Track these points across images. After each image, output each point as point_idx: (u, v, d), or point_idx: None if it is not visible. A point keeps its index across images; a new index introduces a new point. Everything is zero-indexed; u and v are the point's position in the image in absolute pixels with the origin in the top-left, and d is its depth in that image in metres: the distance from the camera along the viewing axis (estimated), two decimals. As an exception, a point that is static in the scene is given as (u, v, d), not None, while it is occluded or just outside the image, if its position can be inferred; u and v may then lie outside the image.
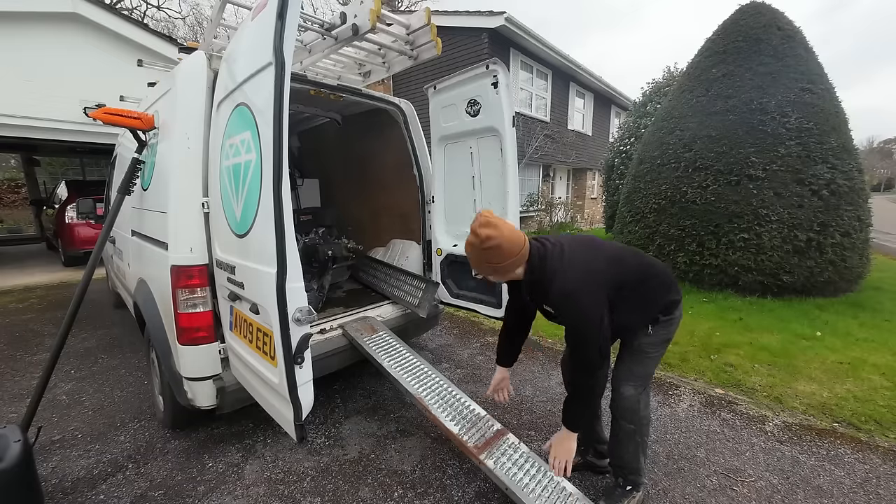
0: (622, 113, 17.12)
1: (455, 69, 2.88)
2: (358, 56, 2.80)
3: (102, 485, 2.05)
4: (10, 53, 6.05)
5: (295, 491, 2.00)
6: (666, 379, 3.13)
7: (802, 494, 1.96)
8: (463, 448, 1.90)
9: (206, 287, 2.02)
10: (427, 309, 2.98)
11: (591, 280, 1.58)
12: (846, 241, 4.84)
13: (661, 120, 6.23)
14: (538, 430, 2.46)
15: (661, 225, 5.71)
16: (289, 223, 1.47)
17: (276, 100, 1.42)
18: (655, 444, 2.35)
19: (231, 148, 1.79)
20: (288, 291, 1.47)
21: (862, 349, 3.55)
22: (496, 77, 2.59)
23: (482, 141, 2.84)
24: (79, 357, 3.63)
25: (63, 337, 2.13)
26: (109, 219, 2.45)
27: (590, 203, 17.04)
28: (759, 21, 5.42)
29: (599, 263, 1.64)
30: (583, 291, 1.55)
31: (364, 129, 3.90)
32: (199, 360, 2.03)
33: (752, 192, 4.95)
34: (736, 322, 4.25)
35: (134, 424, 2.58)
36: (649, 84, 9.71)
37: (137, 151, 2.50)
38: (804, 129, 4.90)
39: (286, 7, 1.39)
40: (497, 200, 2.83)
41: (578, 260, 1.61)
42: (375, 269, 3.78)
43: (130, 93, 3.93)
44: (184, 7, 30.59)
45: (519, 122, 9.94)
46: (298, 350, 1.51)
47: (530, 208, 12.60)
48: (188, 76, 2.12)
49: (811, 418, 2.60)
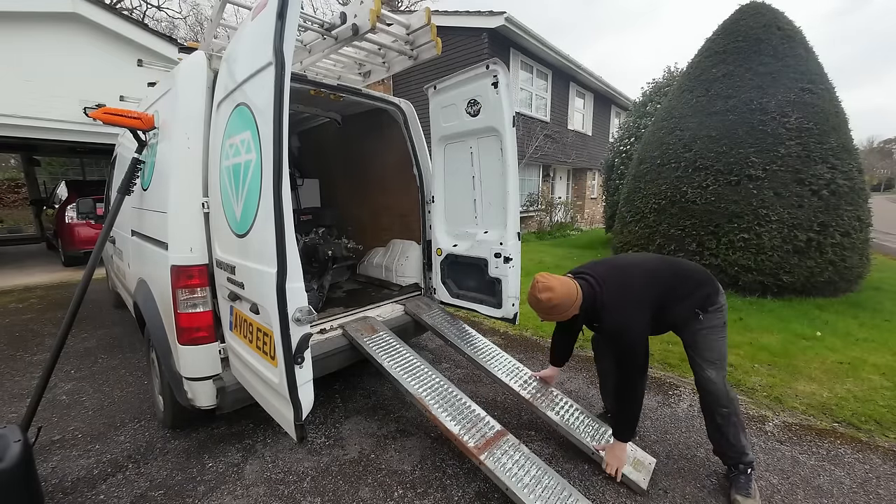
0: (622, 113, 17.13)
1: (455, 69, 2.88)
2: (358, 56, 2.80)
3: (102, 485, 2.05)
4: (10, 53, 6.06)
5: (295, 491, 2.00)
6: (666, 379, 3.13)
7: (802, 494, 1.96)
8: (463, 448, 1.90)
9: (206, 287, 2.02)
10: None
11: (635, 311, 1.84)
12: (846, 241, 4.84)
13: (661, 120, 6.23)
14: (538, 430, 2.46)
15: (661, 225, 5.71)
16: (289, 223, 1.47)
17: (276, 100, 1.42)
18: (655, 444, 2.35)
19: (231, 148, 1.79)
20: (288, 291, 1.47)
21: (862, 349, 3.55)
22: (496, 77, 2.59)
23: (482, 141, 2.84)
24: (79, 357, 3.62)
25: (63, 337, 2.13)
26: (109, 219, 2.45)
27: (590, 203, 17.04)
28: (759, 21, 5.42)
29: (638, 290, 1.90)
30: (630, 324, 1.82)
31: (364, 129, 3.90)
32: (199, 360, 2.03)
33: (752, 192, 4.95)
34: (736, 322, 4.25)
35: (134, 424, 2.58)
36: (649, 84, 9.71)
37: (137, 151, 2.50)
38: (804, 129, 4.90)
39: (286, 7, 1.39)
40: (497, 200, 2.83)
41: (619, 292, 1.89)
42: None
43: (130, 93, 3.93)
44: (184, 7, 30.62)
45: (519, 122, 9.95)
46: (298, 350, 1.51)
47: (530, 208, 12.61)
48: (188, 76, 2.12)
49: (811, 418, 2.60)
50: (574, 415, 2.30)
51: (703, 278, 1.98)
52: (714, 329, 1.91)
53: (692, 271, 2.01)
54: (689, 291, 1.93)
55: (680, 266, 2.03)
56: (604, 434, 2.19)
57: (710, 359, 1.90)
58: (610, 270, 1.99)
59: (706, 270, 2.06)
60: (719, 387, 1.87)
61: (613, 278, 1.94)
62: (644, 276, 1.96)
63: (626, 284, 1.92)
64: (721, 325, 1.93)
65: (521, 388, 2.43)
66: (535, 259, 8.05)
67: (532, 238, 11.63)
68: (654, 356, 3.51)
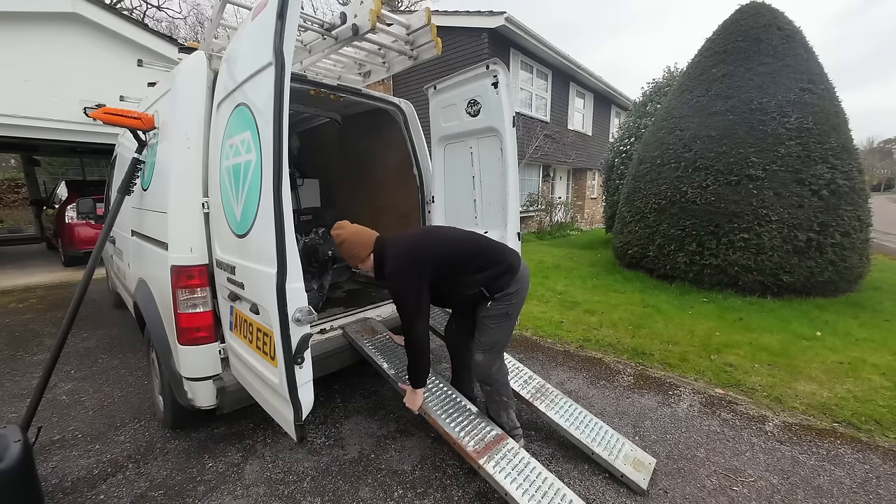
0: (622, 113, 17.12)
1: (455, 69, 2.88)
2: (358, 56, 2.80)
3: (102, 485, 2.05)
4: (10, 53, 6.05)
5: (295, 491, 2.00)
6: (666, 379, 3.13)
7: (802, 494, 1.96)
8: (462, 452, 1.89)
9: (206, 287, 2.02)
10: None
11: (411, 267, 1.94)
12: (846, 241, 4.84)
13: (661, 120, 6.23)
14: (538, 431, 2.46)
15: (661, 225, 5.71)
16: (289, 223, 1.47)
17: (276, 100, 1.42)
18: (655, 444, 2.35)
19: (231, 148, 1.79)
20: (288, 292, 1.47)
21: (862, 349, 3.55)
22: (496, 77, 2.59)
23: (482, 141, 2.84)
24: (79, 357, 3.63)
25: (63, 337, 2.13)
26: (109, 219, 2.45)
27: (590, 203, 17.04)
28: (759, 21, 5.42)
29: (423, 250, 2.01)
30: (403, 279, 1.93)
31: (364, 129, 3.90)
32: (199, 360, 2.03)
33: (752, 192, 4.95)
34: (736, 322, 4.25)
35: (134, 424, 2.58)
36: (649, 84, 9.71)
37: (137, 151, 2.50)
38: (804, 129, 4.90)
39: (286, 7, 1.39)
40: (497, 200, 2.83)
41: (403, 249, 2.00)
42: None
43: (130, 93, 3.92)
44: (184, 7, 30.60)
45: (519, 122, 9.94)
46: (298, 350, 1.51)
47: (530, 208, 12.60)
48: (188, 76, 2.12)
49: (811, 418, 2.60)
50: (574, 414, 2.30)
51: (500, 257, 2.09)
52: (493, 318, 2.06)
53: (493, 249, 2.12)
54: (482, 266, 2.04)
55: (485, 242, 2.15)
56: (604, 434, 2.19)
57: (482, 342, 2.10)
58: (413, 233, 2.19)
59: (512, 252, 2.17)
60: (483, 368, 2.11)
61: (407, 238, 2.10)
62: (440, 241, 2.11)
63: (413, 244, 2.05)
64: (502, 316, 2.06)
65: (521, 388, 2.43)
66: (534, 259, 8.04)
67: (532, 238, 11.63)
68: (654, 356, 3.52)
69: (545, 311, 4.76)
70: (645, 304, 4.88)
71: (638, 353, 3.59)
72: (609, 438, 2.17)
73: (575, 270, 6.97)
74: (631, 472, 1.99)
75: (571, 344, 3.86)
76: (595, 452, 2.08)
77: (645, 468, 2.03)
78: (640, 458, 2.10)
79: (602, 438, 2.16)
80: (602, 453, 2.06)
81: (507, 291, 2.04)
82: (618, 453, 2.08)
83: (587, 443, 2.12)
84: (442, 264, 1.99)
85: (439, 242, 2.09)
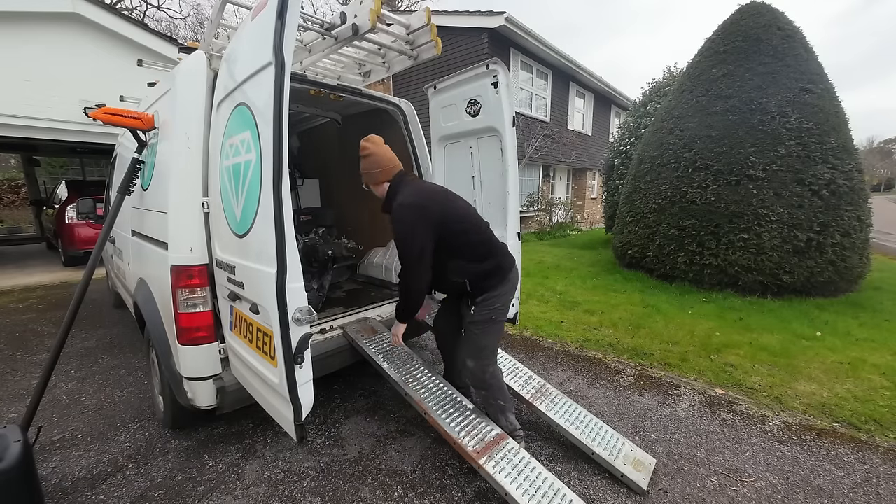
0: (622, 113, 17.12)
1: (455, 69, 2.88)
2: (358, 56, 2.80)
3: (102, 485, 2.05)
4: (10, 53, 6.05)
5: (295, 491, 2.00)
6: (666, 379, 3.13)
7: (802, 494, 1.96)
8: (462, 452, 1.89)
9: (206, 287, 2.02)
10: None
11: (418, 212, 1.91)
12: (846, 241, 4.84)
13: (661, 120, 6.23)
14: (538, 430, 2.46)
15: (661, 225, 5.71)
16: (289, 223, 1.47)
17: (276, 100, 1.42)
18: (655, 444, 2.35)
19: (231, 148, 1.79)
20: (288, 291, 1.47)
21: (862, 349, 3.55)
22: (496, 77, 2.59)
23: (482, 141, 2.84)
24: (79, 357, 3.62)
25: (63, 337, 2.13)
26: (109, 219, 2.45)
27: (590, 203, 17.04)
28: (759, 21, 5.42)
29: (437, 202, 1.98)
30: (409, 218, 1.89)
31: (364, 129, 3.87)
32: (199, 360, 2.03)
33: (752, 192, 4.95)
34: (736, 322, 4.25)
35: (134, 424, 2.58)
36: (649, 84, 9.71)
37: (137, 151, 2.50)
38: (804, 129, 4.91)
39: (286, 7, 1.39)
40: (497, 200, 2.83)
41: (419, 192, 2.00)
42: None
43: (130, 93, 3.93)
44: (184, 7, 30.61)
45: (519, 122, 9.94)
46: (298, 350, 1.51)
47: (530, 208, 12.60)
48: (188, 76, 2.12)
49: (811, 418, 2.60)
50: (574, 414, 2.30)
51: (501, 250, 2.11)
52: (478, 325, 2.07)
53: (494, 245, 2.11)
54: (481, 254, 2.03)
55: (488, 237, 2.11)
56: (604, 434, 2.20)
57: (469, 350, 2.10)
58: (434, 187, 2.19)
59: (508, 255, 2.15)
60: (476, 374, 2.09)
61: (426, 187, 2.12)
62: (455, 203, 2.07)
63: (430, 195, 2.03)
64: (487, 322, 2.06)
65: (521, 388, 2.43)
66: (534, 259, 8.05)
67: (532, 238, 11.63)
68: (654, 356, 3.52)
69: (545, 311, 4.76)
70: (645, 304, 4.88)
71: (638, 353, 3.59)
72: (609, 438, 2.17)
73: (575, 270, 6.97)
74: (631, 472, 1.99)
75: (571, 344, 3.86)
76: (595, 452, 2.08)
77: (645, 468, 2.03)
78: (640, 458, 2.10)
79: (602, 438, 2.16)
80: (602, 453, 2.06)
81: (489, 294, 2.04)
82: (618, 453, 2.08)
83: (587, 443, 2.12)
84: (444, 232, 1.94)
85: (452, 209, 2.03)
